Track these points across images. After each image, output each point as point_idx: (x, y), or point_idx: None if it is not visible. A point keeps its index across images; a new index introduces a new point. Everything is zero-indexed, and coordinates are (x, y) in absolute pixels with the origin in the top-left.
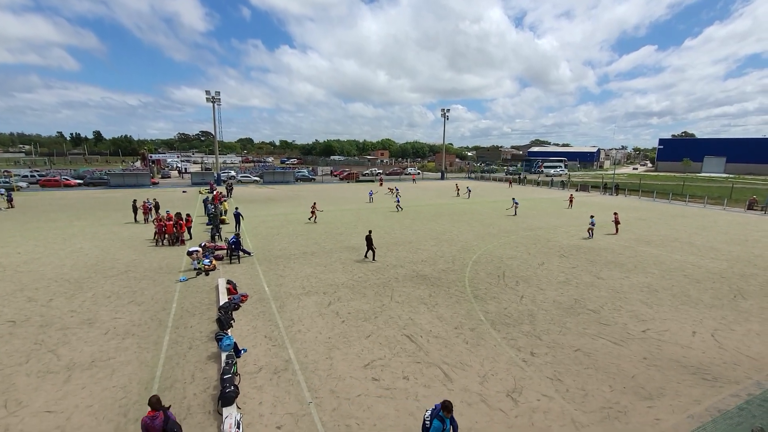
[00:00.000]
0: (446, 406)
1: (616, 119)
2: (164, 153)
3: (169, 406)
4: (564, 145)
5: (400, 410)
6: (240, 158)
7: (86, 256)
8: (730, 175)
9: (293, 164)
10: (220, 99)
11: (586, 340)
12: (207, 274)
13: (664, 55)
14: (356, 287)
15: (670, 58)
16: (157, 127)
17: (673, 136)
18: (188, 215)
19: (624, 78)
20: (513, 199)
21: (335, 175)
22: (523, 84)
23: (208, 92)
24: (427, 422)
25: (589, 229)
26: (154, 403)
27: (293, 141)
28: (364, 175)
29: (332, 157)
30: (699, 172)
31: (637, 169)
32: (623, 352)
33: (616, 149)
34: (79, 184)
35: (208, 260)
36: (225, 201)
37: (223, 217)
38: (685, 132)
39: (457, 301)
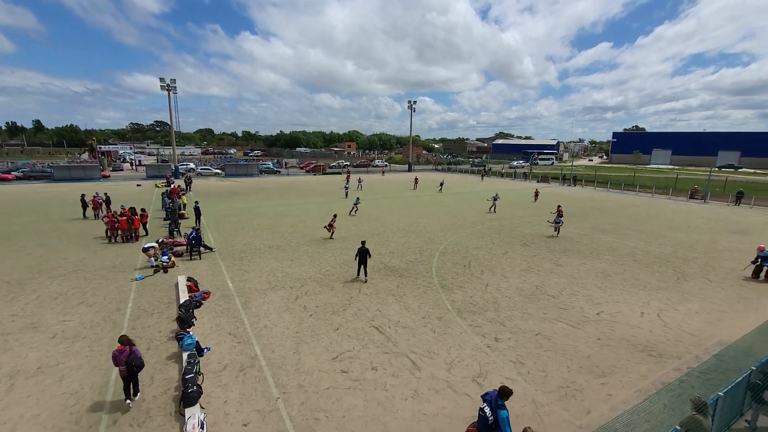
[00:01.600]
0: (506, 392)
1: (575, 113)
2: (115, 144)
3: (133, 343)
4: (526, 138)
5: (369, 401)
6: (200, 150)
7: (29, 255)
8: (675, 167)
9: (257, 156)
10: (176, 87)
11: (546, 324)
12: (165, 272)
13: (618, 52)
14: (324, 280)
15: (624, 55)
16: (106, 116)
17: (625, 129)
18: (143, 210)
19: (582, 73)
20: (494, 196)
21: (301, 168)
22: (489, 77)
23: (162, 80)
24: (488, 414)
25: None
26: (124, 340)
27: (257, 132)
28: (331, 168)
29: (298, 149)
30: (648, 164)
31: (592, 160)
32: (580, 334)
33: (574, 142)
34: (18, 178)
35: (166, 257)
36: (184, 195)
37: (182, 211)
38: (636, 126)
39: (424, 292)
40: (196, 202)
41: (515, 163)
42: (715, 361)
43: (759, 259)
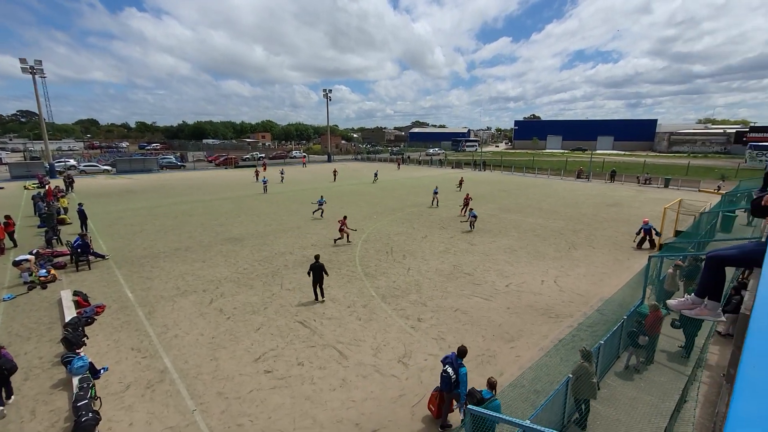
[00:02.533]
0: (463, 352)
1: (482, 103)
2: None
3: (2, 346)
4: (440, 127)
5: (296, 397)
6: (83, 144)
7: None
8: (565, 151)
9: (156, 150)
10: (42, 69)
11: (464, 300)
12: (44, 288)
13: (516, 46)
14: (242, 280)
15: (521, 50)
16: None
17: (524, 118)
18: (8, 217)
19: (487, 65)
20: (435, 190)
21: (210, 161)
22: (403, 66)
23: (24, 60)
24: (451, 374)
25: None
26: None
27: (154, 123)
28: (244, 160)
29: (205, 141)
30: (544, 149)
31: (498, 147)
32: (492, 306)
33: (483, 130)
34: None
35: (44, 270)
36: (63, 197)
37: (63, 216)
38: (533, 115)
39: (348, 281)
40: (80, 205)
41: (431, 150)
42: (598, 315)
43: (642, 231)
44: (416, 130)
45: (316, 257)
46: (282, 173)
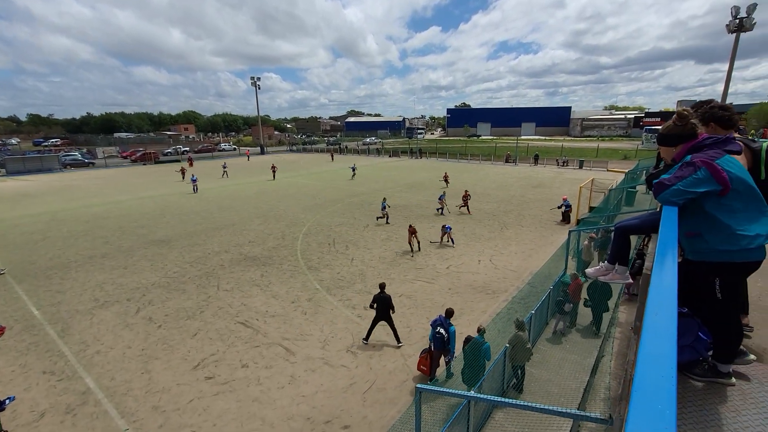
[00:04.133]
0: (451, 313)
1: (416, 91)
2: None
3: None
4: (376, 115)
5: (242, 400)
6: None
7: None
8: (494, 137)
9: (56, 146)
10: None
11: (407, 285)
12: None
13: (446, 36)
14: (172, 284)
15: (450, 39)
16: None
17: (456, 106)
18: None
19: (419, 54)
20: (440, 197)
21: (125, 157)
22: (336, 54)
23: None
24: (444, 333)
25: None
26: None
27: (51, 115)
28: (165, 155)
29: (117, 135)
30: (476, 136)
31: (434, 134)
32: (435, 288)
33: (417, 118)
34: None
35: None
36: None
37: None
38: (464, 103)
39: (291, 276)
40: None
41: (368, 140)
42: (529, 288)
43: (563, 206)
44: (352, 119)
45: (382, 287)
46: (225, 167)
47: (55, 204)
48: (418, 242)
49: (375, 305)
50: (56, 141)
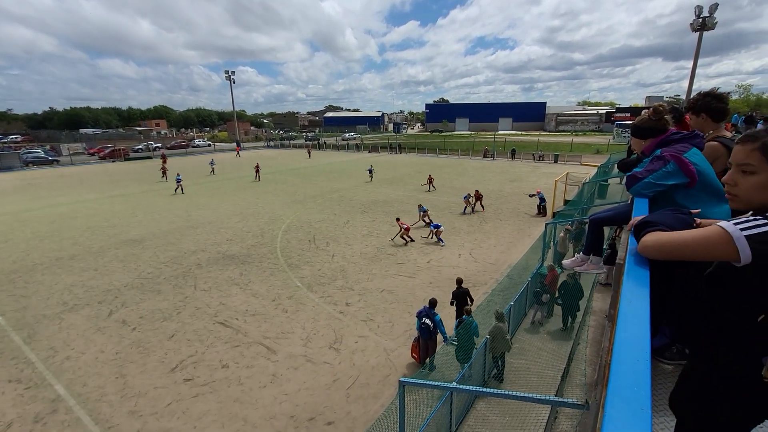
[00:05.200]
0: (434, 302)
1: (395, 86)
2: None
3: None
4: (355, 110)
5: (223, 401)
6: None
7: None
8: (473, 132)
9: (17, 142)
10: None
11: (389, 280)
12: None
13: (424, 30)
14: (146, 285)
15: (428, 34)
16: None
17: (434, 101)
18: None
19: (397, 49)
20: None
21: (92, 154)
22: (314, 48)
23: None
24: (430, 323)
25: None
26: None
27: (9, 110)
28: (136, 151)
29: (83, 131)
30: (454, 131)
31: (412, 129)
32: (416, 282)
33: (396, 113)
34: None
35: None
36: None
37: None
38: (442, 98)
39: (271, 274)
40: None
41: (347, 135)
42: (507, 280)
43: (536, 197)
44: (330, 114)
45: (459, 281)
46: (212, 164)
47: (18, 204)
48: (407, 236)
49: (454, 302)
50: (16, 137)
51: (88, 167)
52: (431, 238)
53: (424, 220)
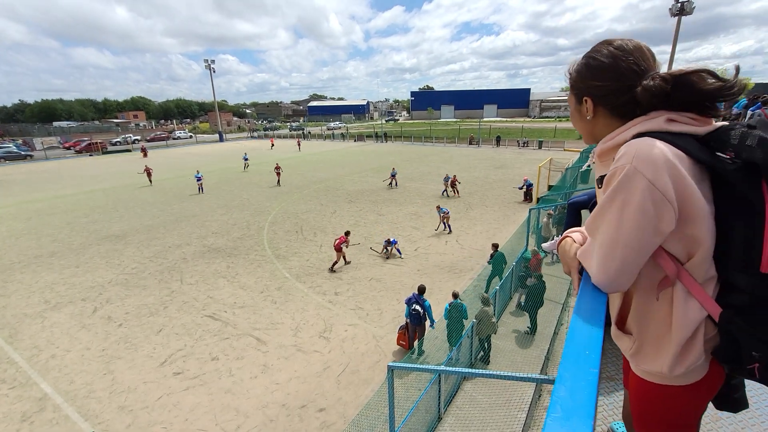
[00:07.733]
0: (423, 289)
1: (380, 74)
2: None
3: None
4: (339, 99)
5: (213, 393)
6: None
7: None
8: (458, 120)
9: None
10: None
11: (377, 268)
12: None
13: (409, 16)
14: (131, 281)
15: (414, 20)
16: None
17: (420, 89)
18: None
19: (382, 35)
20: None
21: (68, 148)
22: (298, 35)
23: None
24: (420, 309)
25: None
26: None
27: None
28: (113, 144)
29: (56, 124)
30: (439, 119)
31: (399, 119)
32: (404, 270)
33: (381, 102)
34: None
35: None
36: None
37: None
38: (428, 85)
39: (259, 266)
40: None
41: (332, 124)
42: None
43: (524, 186)
44: (315, 103)
45: (495, 246)
46: (246, 158)
47: None
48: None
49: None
50: None
51: (64, 161)
52: (443, 228)
53: (444, 223)
